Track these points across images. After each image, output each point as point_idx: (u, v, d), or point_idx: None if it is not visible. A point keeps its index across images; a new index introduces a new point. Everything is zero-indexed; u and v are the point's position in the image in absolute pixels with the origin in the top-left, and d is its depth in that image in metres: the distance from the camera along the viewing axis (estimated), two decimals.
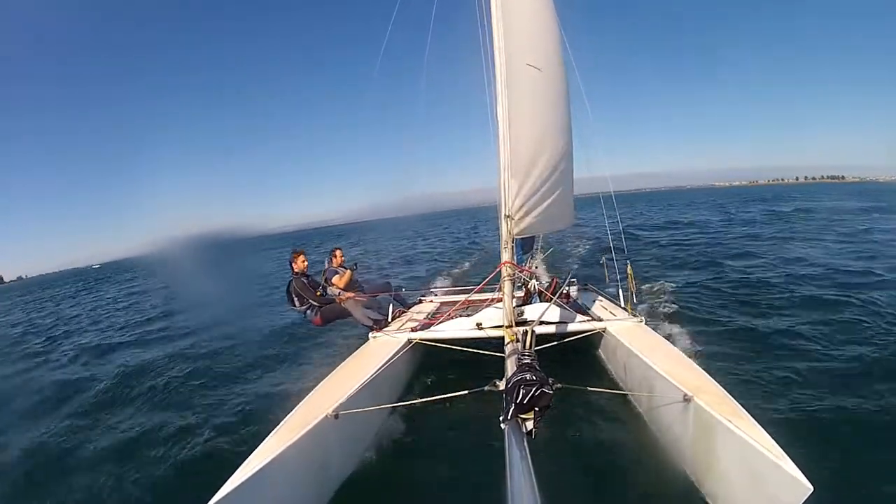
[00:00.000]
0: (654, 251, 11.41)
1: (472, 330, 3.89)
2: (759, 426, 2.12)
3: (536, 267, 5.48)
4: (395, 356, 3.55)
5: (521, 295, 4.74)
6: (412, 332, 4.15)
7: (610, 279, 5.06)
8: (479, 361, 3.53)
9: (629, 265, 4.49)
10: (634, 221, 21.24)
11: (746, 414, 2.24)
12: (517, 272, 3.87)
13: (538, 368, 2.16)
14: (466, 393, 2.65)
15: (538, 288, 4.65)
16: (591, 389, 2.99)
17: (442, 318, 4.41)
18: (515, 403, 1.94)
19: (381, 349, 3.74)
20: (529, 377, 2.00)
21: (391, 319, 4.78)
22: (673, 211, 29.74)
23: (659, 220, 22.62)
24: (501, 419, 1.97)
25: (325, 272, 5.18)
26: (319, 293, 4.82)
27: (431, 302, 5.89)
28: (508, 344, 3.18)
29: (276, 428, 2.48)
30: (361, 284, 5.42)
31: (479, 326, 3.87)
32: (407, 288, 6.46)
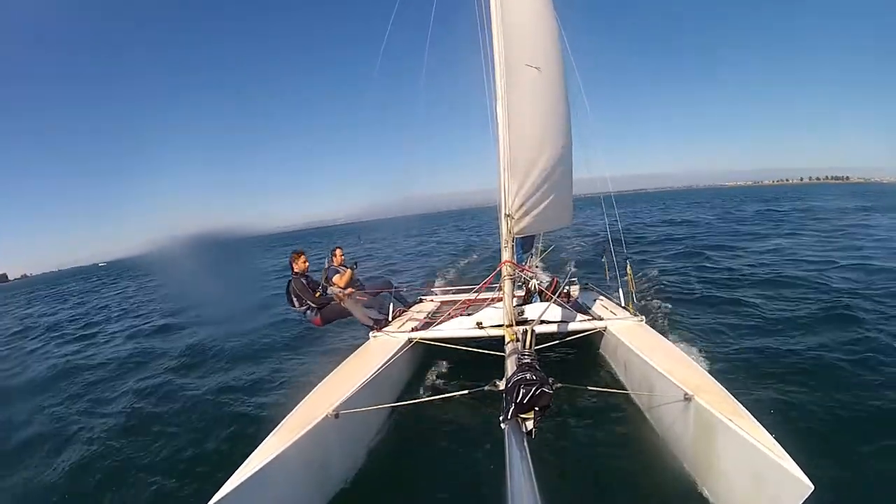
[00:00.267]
0: (644, 246, 12.51)
1: (472, 329, 3.88)
2: (759, 425, 2.12)
3: (536, 266, 5.48)
4: (395, 356, 3.54)
5: (521, 294, 4.74)
6: (412, 331, 4.15)
7: (610, 278, 5.06)
8: (479, 361, 3.53)
9: (629, 265, 4.49)
10: (634, 220, 21.75)
11: (747, 413, 2.23)
12: (517, 271, 3.86)
13: (538, 368, 2.16)
14: (466, 393, 2.65)
15: (538, 287, 4.65)
16: (591, 389, 2.99)
17: (442, 317, 4.41)
18: (515, 403, 1.94)
19: (381, 349, 3.74)
20: (529, 377, 2.00)
21: (391, 319, 4.78)
22: (671, 210, 30.62)
23: (655, 218, 23.56)
24: (501, 419, 1.97)
25: (325, 271, 5.18)
26: (319, 293, 4.80)
27: (432, 301, 5.89)
28: (508, 343, 3.18)
29: (276, 428, 2.48)
30: (362, 283, 5.42)
31: (479, 326, 3.87)
32: (407, 287, 6.47)
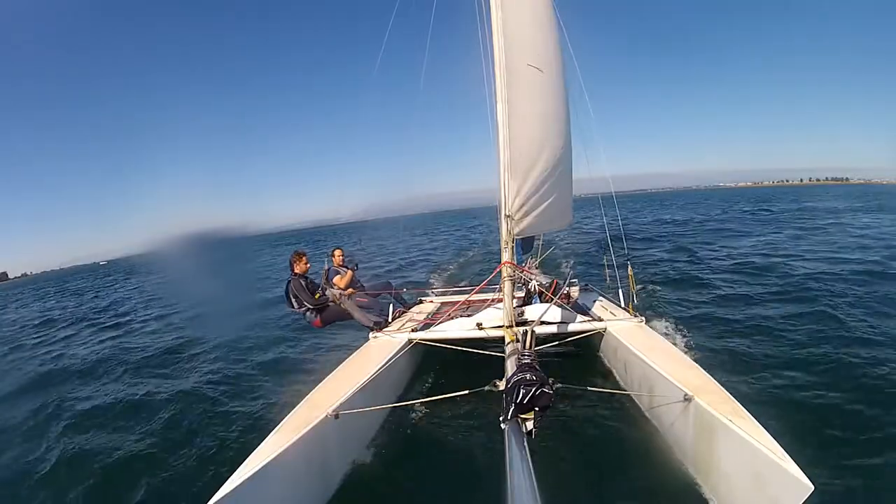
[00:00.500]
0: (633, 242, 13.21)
1: (472, 330, 3.88)
2: (759, 426, 2.12)
3: (536, 267, 5.48)
4: (395, 356, 3.54)
5: (521, 295, 4.74)
6: (412, 332, 4.14)
7: (610, 279, 5.06)
8: (479, 361, 3.53)
9: (629, 266, 4.49)
10: (627, 220, 22.42)
11: (747, 413, 2.23)
12: (517, 272, 3.86)
13: (538, 368, 2.16)
14: (466, 393, 2.65)
15: (538, 288, 4.65)
16: (591, 389, 2.99)
17: (442, 318, 4.41)
18: (515, 403, 1.94)
19: (381, 349, 3.74)
20: (529, 377, 2.00)
21: (391, 320, 4.78)
22: (665, 210, 31.82)
23: (647, 217, 24.99)
24: (501, 419, 1.97)
25: (325, 272, 5.17)
26: (319, 295, 4.79)
27: (432, 302, 5.88)
28: (508, 344, 3.18)
29: (276, 428, 2.49)
30: (362, 284, 5.41)
31: (479, 326, 3.86)
32: (407, 288, 6.46)
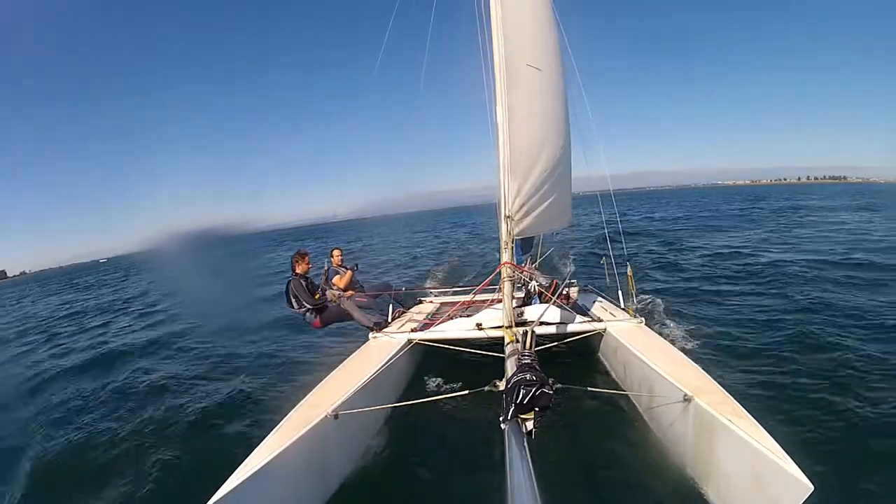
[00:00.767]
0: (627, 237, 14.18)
1: (472, 330, 3.88)
2: (759, 426, 2.12)
3: (536, 267, 5.47)
4: (395, 356, 3.54)
5: (520, 295, 4.74)
6: (412, 332, 4.14)
7: (610, 280, 5.06)
8: (479, 362, 3.53)
9: (629, 266, 4.49)
10: (623, 217, 23.02)
11: (747, 414, 2.24)
12: (517, 273, 3.87)
13: (538, 369, 2.16)
14: (466, 393, 2.65)
15: (538, 289, 4.65)
16: (591, 390, 2.99)
17: (442, 318, 4.40)
18: (515, 403, 1.94)
19: (381, 349, 3.74)
20: (529, 377, 2.00)
21: (391, 320, 4.78)
22: (658, 208, 33.11)
23: (639, 214, 26.42)
24: (501, 419, 1.97)
25: (325, 272, 5.17)
26: (318, 295, 4.79)
27: (431, 302, 5.88)
28: (508, 344, 3.18)
29: (275, 428, 2.48)
30: (361, 285, 5.41)
31: (479, 327, 3.86)
32: (407, 288, 6.46)
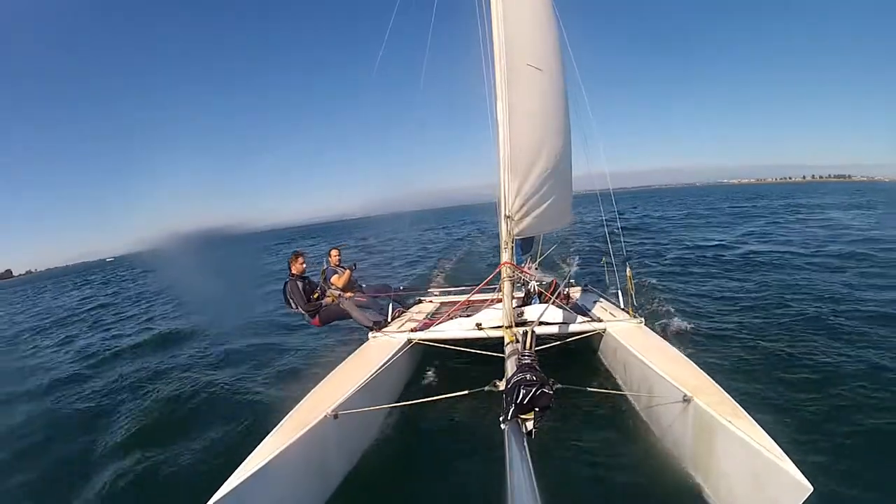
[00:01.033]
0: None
1: (471, 330, 3.88)
2: (758, 426, 2.13)
3: (536, 268, 5.48)
4: (394, 356, 3.54)
5: (520, 295, 4.73)
6: (412, 332, 4.14)
7: (609, 280, 5.06)
8: (479, 361, 3.53)
9: (629, 267, 4.49)
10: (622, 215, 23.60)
11: (746, 414, 2.24)
12: (517, 273, 3.87)
13: (538, 369, 2.16)
14: (466, 393, 2.65)
15: (538, 289, 4.65)
16: (590, 390, 2.99)
17: (442, 318, 4.40)
18: (515, 403, 1.94)
19: (380, 349, 3.74)
20: (529, 377, 2.00)
21: (391, 320, 4.78)
22: (658, 207, 33.83)
23: (637, 213, 27.55)
24: (501, 419, 1.97)
25: (323, 272, 5.17)
26: (317, 294, 4.80)
27: (431, 302, 5.88)
28: (508, 344, 3.18)
29: (275, 428, 2.48)
30: (360, 284, 5.41)
31: (478, 327, 3.86)
32: (406, 288, 6.46)
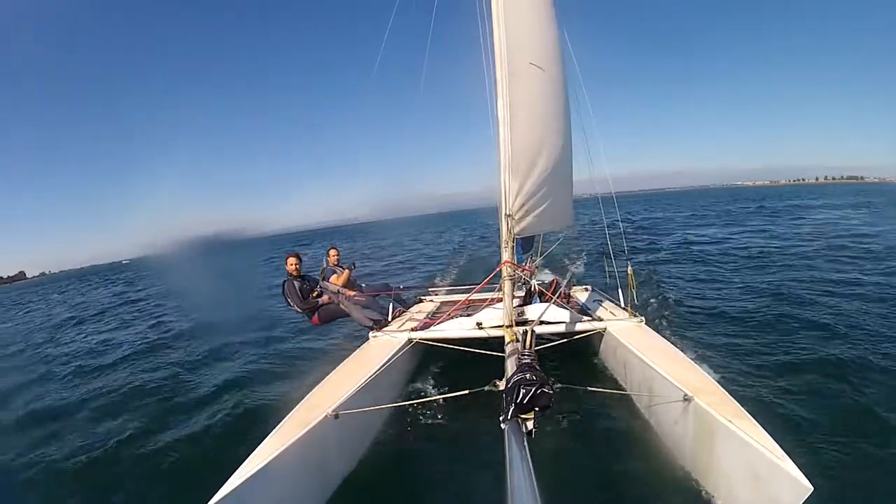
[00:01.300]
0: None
1: (472, 330, 3.87)
2: (759, 426, 2.13)
3: (537, 267, 5.48)
4: (395, 356, 3.54)
5: (521, 295, 4.73)
6: (412, 331, 4.13)
7: (610, 280, 5.06)
8: (479, 361, 3.52)
9: (629, 266, 4.48)
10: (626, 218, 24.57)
11: (747, 414, 2.24)
12: (517, 272, 3.86)
13: (538, 368, 2.15)
14: (466, 393, 2.65)
15: (538, 288, 4.64)
16: (591, 389, 2.99)
17: (442, 317, 4.40)
18: (515, 403, 1.94)
19: (381, 349, 3.74)
20: (529, 377, 1.99)
21: (391, 319, 4.78)
22: (661, 209, 34.65)
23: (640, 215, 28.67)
24: (501, 419, 1.96)
25: (322, 271, 5.18)
26: (316, 293, 4.82)
27: (431, 302, 5.88)
28: (508, 344, 3.18)
29: (276, 428, 2.48)
30: (360, 284, 5.41)
31: (479, 326, 3.86)
32: (407, 288, 6.46)
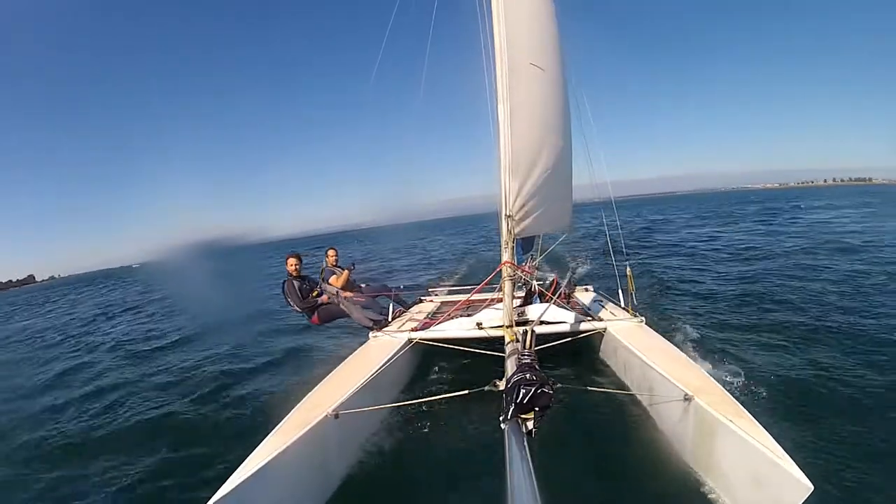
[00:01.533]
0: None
1: (472, 330, 3.87)
2: (759, 426, 2.13)
3: (537, 267, 5.48)
4: (395, 356, 3.54)
5: (521, 295, 4.73)
6: (412, 331, 4.14)
7: (610, 280, 5.06)
8: (479, 361, 3.53)
9: (629, 267, 4.49)
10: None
11: (747, 413, 2.24)
12: (517, 272, 3.86)
13: (538, 368, 2.15)
14: (466, 393, 2.65)
15: (538, 288, 4.64)
16: (591, 389, 2.99)
17: (442, 317, 4.40)
18: (516, 403, 1.94)
19: (381, 349, 3.74)
20: (530, 377, 1.99)
21: (391, 319, 4.78)
22: (663, 213, 36.07)
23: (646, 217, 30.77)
24: (501, 419, 1.96)
25: (322, 272, 5.18)
26: (317, 292, 4.82)
27: (431, 302, 5.88)
28: (508, 344, 3.18)
29: (276, 427, 2.48)
30: (359, 285, 5.41)
31: (479, 326, 3.86)
32: (407, 288, 6.46)
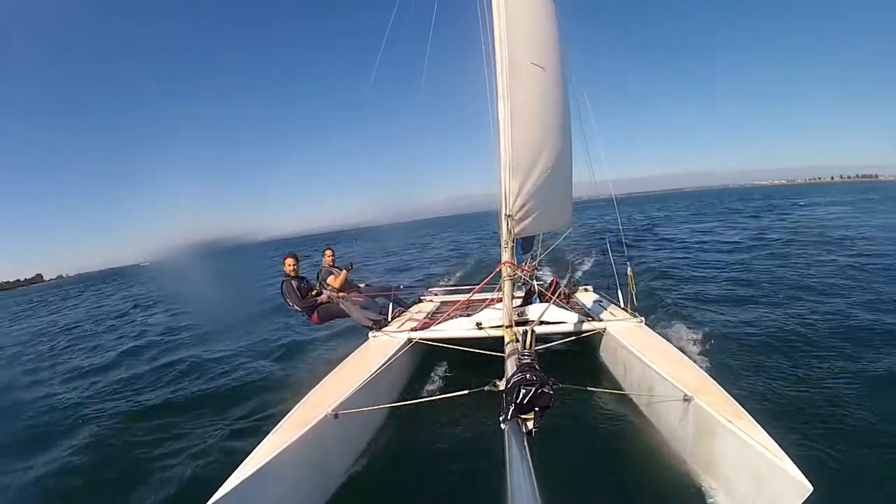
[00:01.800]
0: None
1: (472, 330, 3.87)
2: (759, 426, 2.13)
3: (537, 267, 5.48)
4: (394, 356, 3.54)
5: (521, 295, 4.74)
6: (412, 331, 4.14)
7: (610, 280, 5.06)
8: (479, 361, 3.52)
9: (629, 267, 4.49)
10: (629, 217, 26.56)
11: (747, 414, 2.24)
12: (517, 272, 3.86)
13: (538, 368, 2.16)
14: (466, 393, 2.65)
15: (538, 288, 4.65)
16: (591, 390, 2.99)
17: (442, 317, 4.40)
18: (515, 403, 1.94)
19: (380, 349, 3.74)
20: (529, 377, 2.00)
21: (391, 319, 4.78)
22: (665, 210, 36.97)
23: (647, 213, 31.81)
24: (501, 419, 1.96)
25: (320, 272, 5.18)
26: (316, 291, 4.83)
27: (431, 302, 5.89)
28: (508, 344, 3.18)
29: (275, 427, 2.49)
30: (357, 285, 5.41)
31: (479, 326, 3.86)
32: (406, 288, 6.46)
